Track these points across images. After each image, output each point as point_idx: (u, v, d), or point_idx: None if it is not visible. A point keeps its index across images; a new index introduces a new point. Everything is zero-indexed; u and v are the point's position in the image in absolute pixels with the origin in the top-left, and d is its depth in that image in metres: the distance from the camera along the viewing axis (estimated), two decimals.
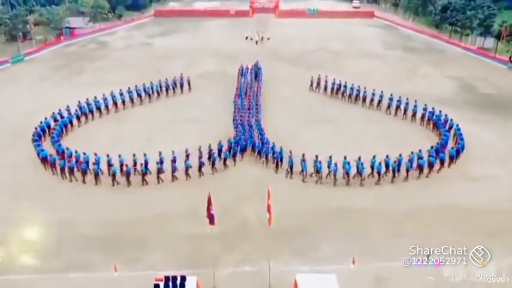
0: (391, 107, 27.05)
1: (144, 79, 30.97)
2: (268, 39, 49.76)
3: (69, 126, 24.63)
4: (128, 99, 28.28)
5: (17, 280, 13.93)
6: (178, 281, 12.56)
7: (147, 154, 19.64)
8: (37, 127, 22.80)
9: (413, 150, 20.24)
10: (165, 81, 30.55)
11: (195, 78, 32.63)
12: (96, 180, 19.19)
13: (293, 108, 28.67)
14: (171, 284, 12.50)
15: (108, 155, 19.56)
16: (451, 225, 16.45)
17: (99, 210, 17.37)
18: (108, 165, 19.43)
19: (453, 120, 24.05)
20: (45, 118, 23.86)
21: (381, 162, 19.39)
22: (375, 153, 19.79)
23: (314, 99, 30.48)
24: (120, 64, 40.08)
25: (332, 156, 19.35)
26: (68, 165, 19.53)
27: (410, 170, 19.66)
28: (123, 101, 28.01)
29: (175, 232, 15.93)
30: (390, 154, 19.72)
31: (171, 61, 39.99)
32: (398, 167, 19.45)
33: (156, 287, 12.44)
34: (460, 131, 22.61)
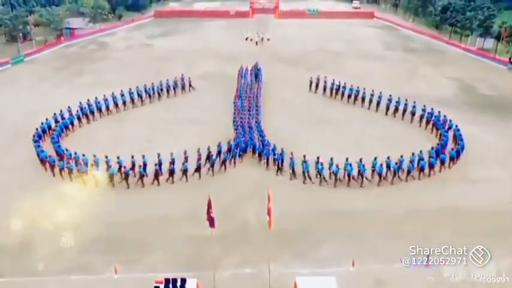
0: (390, 108, 27.07)
1: (144, 80, 30.96)
2: (268, 40, 49.76)
3: (70, 127, 24.67)
4: (129, 100, 28.31)
5: (17, 282, 13.97)
6: (179, 283, 12.60)
7: (145, 156, 19.61)
8: (38, 128, 22.84)
9: (414, 152, 20.27)
10: (166, 82, 30.62)
11: (195, 79, 32.63)
12: (95, 181, 19.17)
13: (293, 109, 28.69)
14: (171, 286, 12.53)
15: (107, 157, 19.57)
16: (451, 227, 16.47)
17: (99, 212, 17.35)
18: (106, 166, 19.42)
19: (452, 121, 24.07)
20: (46, 119, 23.89)
21: (382, 164, 19.41)
22: (374, 154, 19.86)
23: (314, 100, 30.49)
24: (120, 65, 40.09)
25: (333, 158, 19.36)
26: (67, 166, 19.56)
27: (412, 171, 19.68)
28: (124, 102, 28.03)
29: (176, 234, 15.96)
30: (390, 155, 19.74)
31: (171, 62, 40.02)
32: (400, 168, 19.47)
33: None
34: (460, 132, 22.64)
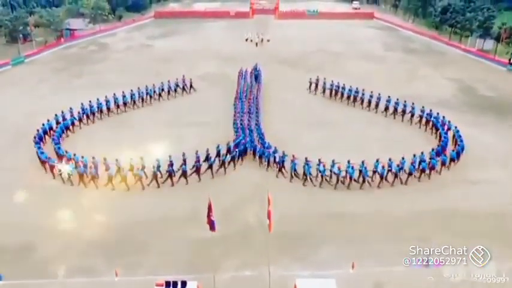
0: (389, 109, 27.13)
1: (144, 81, 31.01)
2: (268, 41, 49.79)
3: (71, 128, 24.72)
4: (130, 101, 28.36)
5: (18, 285, 13.96)
6: (179, 286, 12.67)
7: (143, 158, 19.60)
8: (39, 129, 22.88)
9: (414, 153, 20.30)
10: (168, 83, 30.67)
11: (196, 80, 32.65)
12: (95, 183, 19.19)
13: (293, 110, 28.72)
14: None
15: (105, 159, 19.58)
16: (451, 229, 16.51)
17: (99, 215, 17.39)
18: (105, 169, 19.42)
19: (451, 122, 24.12)
20: (48, 120, 23.93)
21: (384, 166, 19.43)
22: (374, 155, 19.93)
23: (314, 101, 30.55)
24: (121, 66, 40.13)
25: (334, 160, 19.38)
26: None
27: (413, 173, 19.70)
28: (125, 103, 28.07)
29: (176, 236, 15.99)
30: (390, 156, 19.78)
31: (171, 63, 40.10)
32: (401, 169, 19.49)
33: None
34: (459, 133, 22.69)
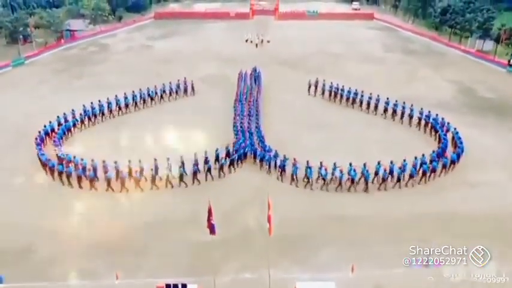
0: (387, 111, 27.21)
1: (144, 82, 31.11)
2: (268, 42, 49.80)
3: (73, 130, 24.78)
4: (132, 103, 28.42)
5: None
6: None
7: (141, 161, 19.63)
8: (41, 130, 22.94)
9: (415, 155, 20.36)
10: (169, 85, 30.76)
11: (196, 82, 32.67)
12: (91, 185, 19.24)
13: (293, 112, 28.76)
14: None
15: (104, 161, 19.63)
16: (451, 231, 16.59)
17: (99, 217, 17.46)
18: (104, 171, 19.48)
19: (450, 124, 24.18)
20: (50, 122, 24.00)
21: (386, 169, 19.45)
22: (374, 158, 20.03)
23: (313, 103, 30.59)
24: (121, 67, 40.15)
25: (336, 163, 19.41)
26: (65, 170, 19.64)
27: (415, 175, 19.75)
28: (126, 105, 28.13)
29: (176, 239, 16.04)
30: (390, 158, 19.84)
31: (171, 64, 40.15)
32: (403, 172, 19.53)
33: None
34: (459, 134, 22.76)
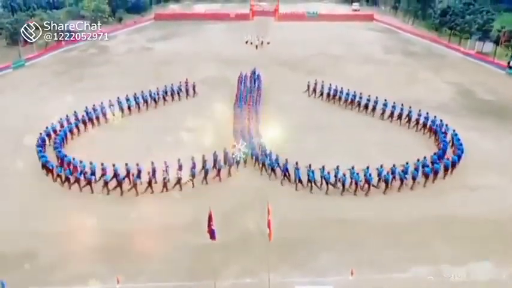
0: (386, 113, 27.32)
1: (145, 84, 31.22)
2: (268, 44, 49.90)
3: (75, 132, 24.86)
4: (134, 105, 28.48)
5: None
6: None
7: (139, 164, 19.67)
8: (42, 132, 23.04)
9: (416, 158, 20.44)
10: (171, 87, 30.88)
11: (196, 84, 32.75)
12: (91, 188, 19.26)
13: (292, 114, 28.68)
14: None
15: (103, 164, 19.70)
16: (451, 235, 16.66)
17: (99, 221, 17.44)
18: (102, 174, 19.53)
19: (448, 126, 24.26)
20: (52, 123, 24.10)
21: (389, 172, 19.48)
22: (373, 160, 20.19)
23: (313, 105, 30.64)
24: (121, 69, 40.25)
25: (339, 166, 19.47)
26: (64, 172, 19.72)
27: (417, 178, 19.77)
28: (129, 107, 28.21)
29: (176, 244, 16.08)
30: (389, 161, 19.98)
31: (172, 66, 40.22)
32: (406, 175, 19.57)
33: None
34: (458, 136, 22.85)
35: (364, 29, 61.34)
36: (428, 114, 25.50)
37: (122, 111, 27.81)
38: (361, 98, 28.91)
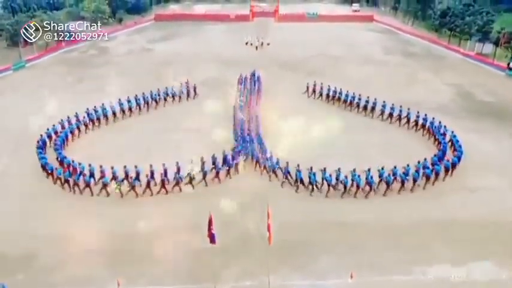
0: (384, 114, 27.36)
1: (145, 85, 31.20)
2: (268, 45, 49.96)
3: (76, 133, 24.85)
4: (135, 107, 28.49)
5: None
6: None
7: (138, 166, 19.66)
8: (43, 134, 23.05)
9: (414, 158, 20.46)
10: (171, 88, 30.90)
11: (197, 85, 32.81)
12: (91, 190, 19.27)
13: (292, 115, 28.57)
14: None
15: (101, 166, 19.71)
16: (451, 237, 16.66)
17: (99, 223, 17.45)
18: (100, 176, 19.54)
19: (447, 127, 24.28)
20: (53, 125, 24.12)
21: (390, 174, 19.49)
22: (373, 161, 20.18)
23: (313, 106, 30.60)
24: (121, 70, 40.19)
25: (341, 169, 19.49)
26: (63, 174, 19.73)
27: (417, 180, 19.78)
28: (130, 108, 28.22)
29: (176, 246, 16.02)
30: (388, 162, 19.98)
31: (172, 67, 40.14)
32: (407, 177, 19.57)
33: None
34: (457, 137, 22.88)
35: (364, 30, 61.43)
36: (426, 115, 25.53)
37: (123, 112, 27.78)
38: (360, 99, 28.95)
